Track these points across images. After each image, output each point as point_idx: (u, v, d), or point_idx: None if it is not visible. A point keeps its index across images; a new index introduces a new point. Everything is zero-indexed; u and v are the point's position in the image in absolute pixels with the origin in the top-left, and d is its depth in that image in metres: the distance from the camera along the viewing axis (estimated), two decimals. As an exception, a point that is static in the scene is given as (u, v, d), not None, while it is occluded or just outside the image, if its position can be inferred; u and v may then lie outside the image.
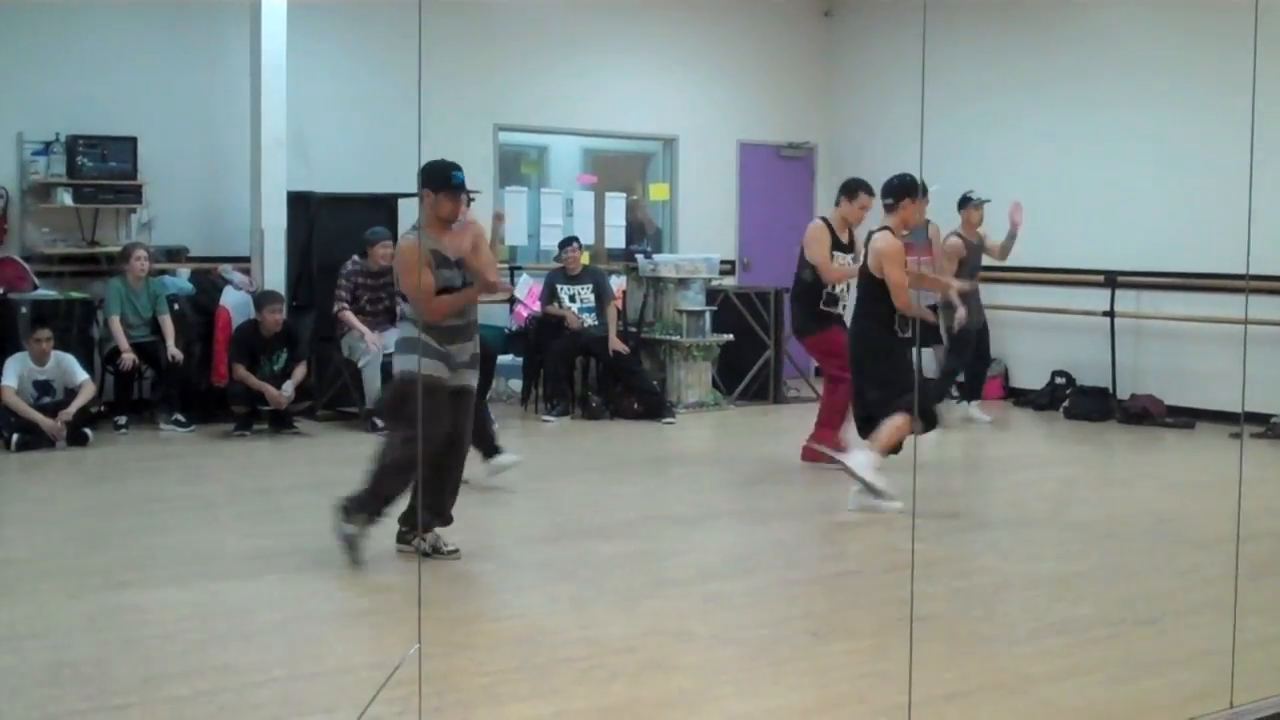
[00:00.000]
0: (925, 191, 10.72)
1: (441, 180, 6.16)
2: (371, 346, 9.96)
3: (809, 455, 8.79)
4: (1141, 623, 5.53)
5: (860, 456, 7.51)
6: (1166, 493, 8.67)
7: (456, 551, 6.30)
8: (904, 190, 7.68)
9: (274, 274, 10.75)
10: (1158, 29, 11.73)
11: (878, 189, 10.15)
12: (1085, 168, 12.10)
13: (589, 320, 11.27)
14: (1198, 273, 11.13)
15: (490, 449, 7.95)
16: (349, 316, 10.14)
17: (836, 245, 8.71)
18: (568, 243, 11.62)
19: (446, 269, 6.19)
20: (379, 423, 8.80)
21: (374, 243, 10.17)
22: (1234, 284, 10.48)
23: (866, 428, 7.72)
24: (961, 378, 11.41)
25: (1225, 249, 10.66)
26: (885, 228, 7.68)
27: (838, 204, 8.88)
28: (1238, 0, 10.42)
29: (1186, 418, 11.05)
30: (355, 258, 10.24)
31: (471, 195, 7.15)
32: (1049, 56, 12.40)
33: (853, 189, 8.77)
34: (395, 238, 9.95)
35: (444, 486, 6.34)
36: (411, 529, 6.26)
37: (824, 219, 8.94)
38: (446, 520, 6.40)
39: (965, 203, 10.98)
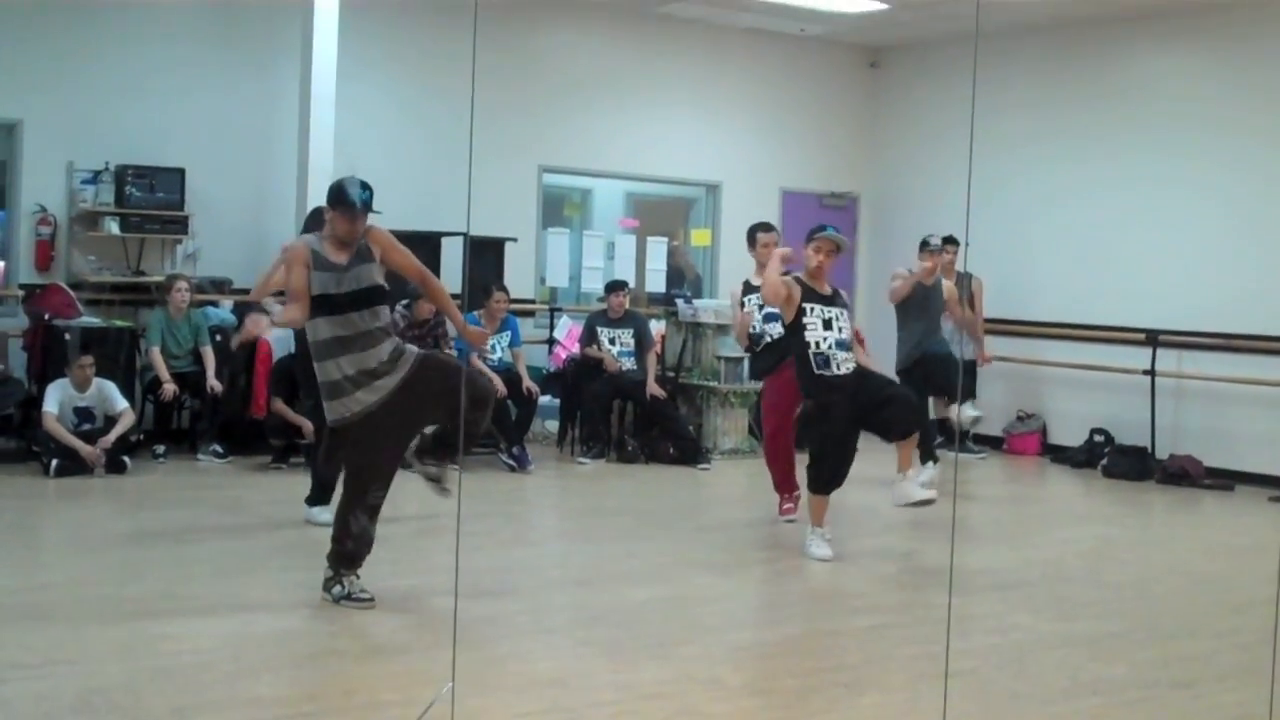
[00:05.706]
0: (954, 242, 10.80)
1: (336, 197, 6.00)
2: None
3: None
4: (1177, 685, 5.48)
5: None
6: (1204, 555, 8.59)
7: (370, 600, 6.11)
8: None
9: (316, 309, 10.75)
10: (1207, 82, 11.69)
11: (919, 239, 10.19)
12: (1129, 222, 12.04)
13: (628, 364, 11.27)
14: (1241, 334, 11.07)
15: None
16: None
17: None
18: (619, 286, 11.53)
19: (324, 270, 5.96)
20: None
21: (418, 297, 10.08)
22: (1277, 346, 10.42)
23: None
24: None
25: (1270, 310, 10.65)
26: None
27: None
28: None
29: (1226, 480, 10.96)
30: (401, 309, 10.15)
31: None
32: (1096, 109, 12.38)
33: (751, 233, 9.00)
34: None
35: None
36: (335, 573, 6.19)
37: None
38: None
39: (923, 246, 10.24)
